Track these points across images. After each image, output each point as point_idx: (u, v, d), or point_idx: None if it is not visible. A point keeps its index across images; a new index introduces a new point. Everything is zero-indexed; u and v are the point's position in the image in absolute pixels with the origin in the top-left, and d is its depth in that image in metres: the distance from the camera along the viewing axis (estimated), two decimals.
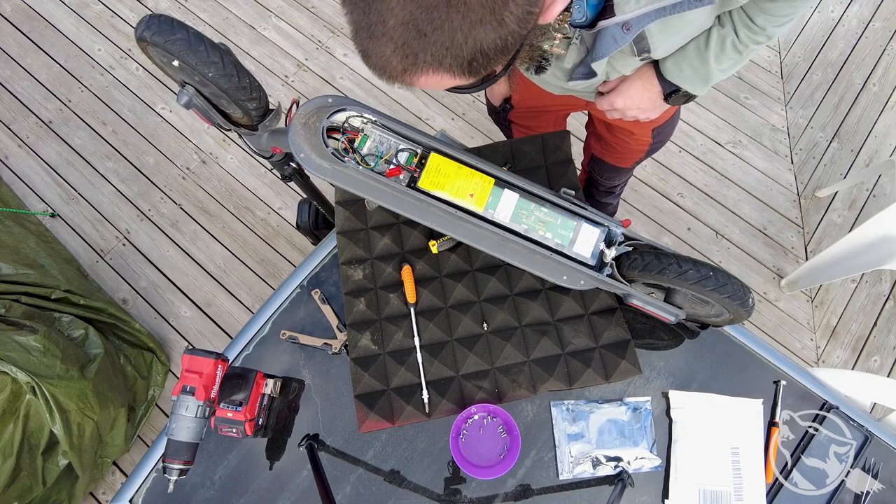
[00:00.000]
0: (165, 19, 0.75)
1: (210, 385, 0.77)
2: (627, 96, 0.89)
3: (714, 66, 0.80)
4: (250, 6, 2.29)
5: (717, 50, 0.78)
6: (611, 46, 0.61)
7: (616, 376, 0.94)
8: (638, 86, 0.88)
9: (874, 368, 1.84)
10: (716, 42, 0.77)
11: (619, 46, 0.61)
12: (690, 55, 0.80)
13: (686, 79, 0.83)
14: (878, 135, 2.13)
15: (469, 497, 0.90)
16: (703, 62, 0.79)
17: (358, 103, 0.85)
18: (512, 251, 0.87)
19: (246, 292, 1.93)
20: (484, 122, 2.13)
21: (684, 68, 0.82)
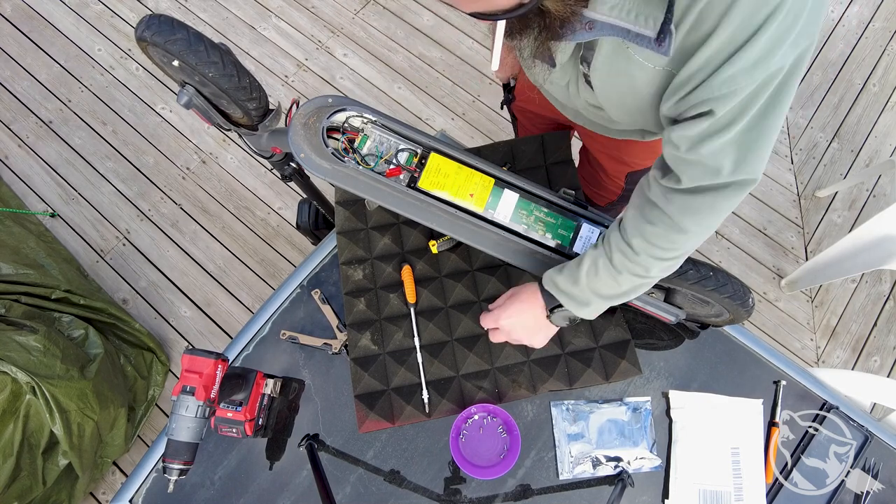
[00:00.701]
0: (165, 19, 0.75)
1: (210, 385, 0.77)
2: (511, 311, 0.82)
3: (587, 287, 0.73)
4: (250, 6, 2.29)
5: (589, 269, 0.72)
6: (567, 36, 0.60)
7: (616, 376, 0.94)
8: (521, 299, 0.82)
9: (874, 368, 1.84)
10: (588, 262, 0.72)
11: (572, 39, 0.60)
12: (568, 268, 0.76)
13: (562, 293, 0.76)
14: (878, 135, 2.13)
15: (469, 497, 0.90)
16: (575, 281, 0.74)
17: (358, 103, 0.85)
18: (512, 251, 0.87)
19: (246, 292, 1.93)
20: (484, 122, 2.13)
21: (559, 281, 0.76)
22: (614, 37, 0.57)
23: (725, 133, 0.57)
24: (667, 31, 0.53)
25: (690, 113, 0.58)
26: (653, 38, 0.54)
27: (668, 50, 0.54)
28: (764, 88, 0.54)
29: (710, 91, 0.54)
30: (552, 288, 0.77)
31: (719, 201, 0.62)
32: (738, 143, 0.58)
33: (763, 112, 0.56)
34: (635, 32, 0.55)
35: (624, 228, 0.70)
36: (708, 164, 0.60)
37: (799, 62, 0.54)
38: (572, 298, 0.76)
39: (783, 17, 0.49)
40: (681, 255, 0.69)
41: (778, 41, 0.51)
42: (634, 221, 0.69)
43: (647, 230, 0.67)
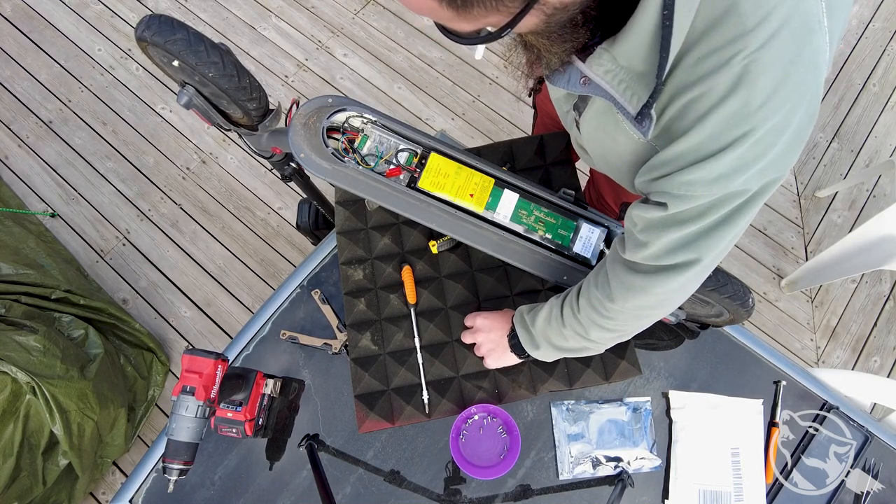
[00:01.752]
0: (165, 19, 0.75)
1: (210, 385, 0.77)
2: (488, 318, 0.90)
3: (541, 330, 0.78)
4: (250, 6, 2.29)
5: (547, 315, 0.77)
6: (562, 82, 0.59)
7: (616, 376, 0.94)
8: (502, 313, 0.90)
9: (874, 369, 1.84)
10: (547, 308, 0.77)
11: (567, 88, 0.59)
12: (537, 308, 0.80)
13: (522, 327, 0.82)
14: (878, 135, 2.13)
15: (469, 497, 0.90)
16: (533, 321, 0.79)
17: (358, 103, 0.85)
18: (512, 251, 0.87)
19: (246, 292, 1.93)
20: (484, 123, 2.13)
21: (526, 316, 0.81)
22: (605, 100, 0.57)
23: (675, 230, 0.57)
24: (646, 114, 0.52)
25: (653, 198, 0.59)
26: (633, 116, 0.54)
27: (647, 132, 0.54)
28: (721, 205, 0.54)
29: (670, 186, 0.54)
30: (517, 319, 0.83)
31: (650, 283, 0.63)
32: (685, 243, 0.58)
33: (715, 226, 0.56)
34: (621, 104, 0.55)
35: (581, 286, 0.74)
36: (652, 250, 0.61)
37: (763, 191, 0.54)
38: (528, 335, 0.81)
39: (752, 143, 0.49)
40: (617, 328, 0.71)
41: (743, 166, 0.50)
42: (587, 281, 0.72)
43: (592, 292, 0.70)
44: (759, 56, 0.46)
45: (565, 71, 0.58)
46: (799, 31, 0.46)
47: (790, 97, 0.47)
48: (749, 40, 0.45)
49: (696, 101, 0.49)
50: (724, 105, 0.48)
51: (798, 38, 0.46)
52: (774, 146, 0.50)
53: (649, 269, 0.63)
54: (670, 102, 0.51)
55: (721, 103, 0.48)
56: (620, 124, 0.59)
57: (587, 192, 1.20)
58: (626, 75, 0.52)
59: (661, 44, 0.47)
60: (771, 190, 0.54)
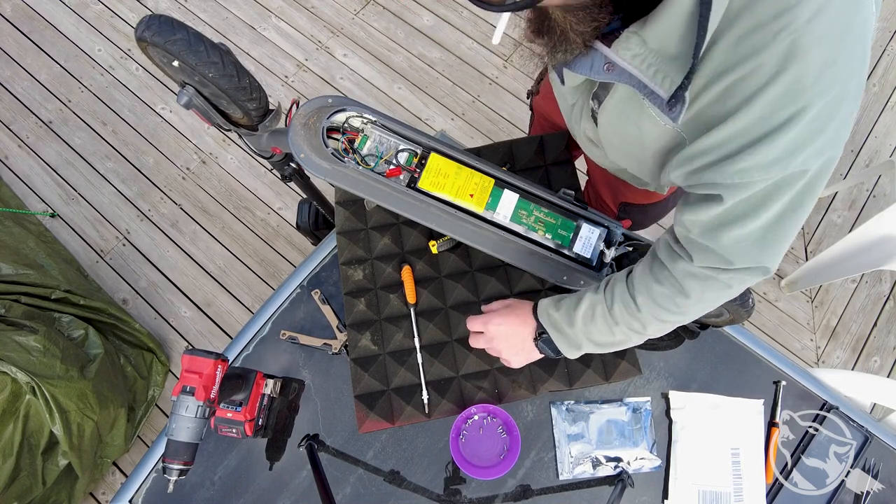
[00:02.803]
0: (165, 19, 0.75)
1: (210, 385, 0.77)
2: (503, 321, 0.80)
3: (581, 330, 0.72)
4: (250, 6, 2.29)
5: (586, 313, 0.71)
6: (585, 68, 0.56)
7: (616, 376, 0.94)
8: (517, 314, 0.80)
9: (874, 369, 1.84)
10: (586, 305, 0.71)
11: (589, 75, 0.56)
12: (565, 306, 0.74)
13: (556, 330, 0.75)
14: (878, 135, 2.13)
15: (469, 497, 0.90)
16: (571, 322, 0.73)
17: (358, 103, 0.85)
18: (512, 251, 0.87)
19: (246, 292, 1.93)
20: (484, 123, 2.13)
21: (555, 317, 0.74)
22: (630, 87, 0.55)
23: (738, 226, 0.54)
24: (680, 97, 0.50)
25: (700, 191, 0.56)
26: (664, 101, 0.51)
27: (677, 116, 0.51)
28: (783, 189, 0.51)
29: (721, 177, 0.51)
30: (546, 321, 0.77)
31: (728, 281, 0.61)
32: (752, 240, 0.55)
33: (781, 213, 0.53)
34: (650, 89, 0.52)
35: (632, 282, 0.69)
36: (719, 253, 0.58)
37: (823, 171, 0.51)
38: (565, 338, 0.75)
39: (808, 121, 0.47)
40: (680, 320, 0.69)
41: (800, 145, 0.48)
42: (643, 279, 0.68)
43: (655, 289, 0.66)
44: (808, 29, 0.44)
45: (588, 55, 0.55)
46: (847, 3, 0.45)
47: (843, 70, 0.46)
48: (796, 13, 0.43)
49: (742, 82, 0.47)
50: (775, 83, 0.45)
51: (847, 9, 0.45)
52: (831, 122, 0.48)
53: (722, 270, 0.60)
54: (708, 86, 0.49)
55: (771, 82, 0.45)
56: (646, 111, 0.57)
57: (586, 193, 1.20)
58: (656, 58, 0.50)
59: (699, 22, 0.45)
60: (829, 169, 0.52)
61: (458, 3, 2.30)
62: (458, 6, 2.29)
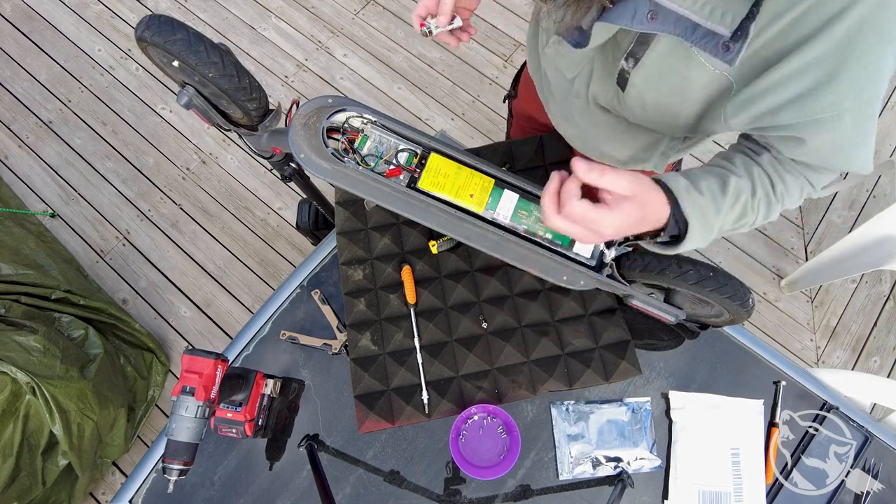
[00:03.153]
0: (165, 19, 0.75)
1: (210, 385, 0.77)
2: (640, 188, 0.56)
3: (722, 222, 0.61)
4: (250, 6, 2.29)
5: (730, 200, 0.60)
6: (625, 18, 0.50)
7: (616, 377, 0.94)
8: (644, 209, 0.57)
9: (874, 369, 1.84)
10: (733, 190, 0.60)
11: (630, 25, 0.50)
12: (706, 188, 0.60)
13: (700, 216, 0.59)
14: (878, 135, 2.12)
15: (469, 497, 0.90)
16: (718, 210, 0.60)
17: (358, 103, 0.85)
18: (512, 251, 0.87)
19: (246, 292, 1.93)
20: (484, 123, 2.13)
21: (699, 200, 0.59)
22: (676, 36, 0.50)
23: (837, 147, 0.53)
24: (745, 30, 0.46)
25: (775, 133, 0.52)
26: (724, 39, 0.47)
27: (734, 58, 0.48)
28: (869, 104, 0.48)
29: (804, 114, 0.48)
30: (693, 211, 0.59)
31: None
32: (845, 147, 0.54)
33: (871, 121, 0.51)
34: (705, 30, 0.48)
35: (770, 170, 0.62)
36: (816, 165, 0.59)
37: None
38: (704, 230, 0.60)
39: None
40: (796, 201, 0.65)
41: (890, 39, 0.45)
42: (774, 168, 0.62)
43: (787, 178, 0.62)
44: None
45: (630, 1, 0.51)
46: None
47: None
48: None
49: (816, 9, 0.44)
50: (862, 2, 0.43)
51: None
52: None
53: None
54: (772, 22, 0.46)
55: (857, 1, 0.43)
56: (694, 59, 0.53)
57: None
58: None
59: None
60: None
61: None
62: None
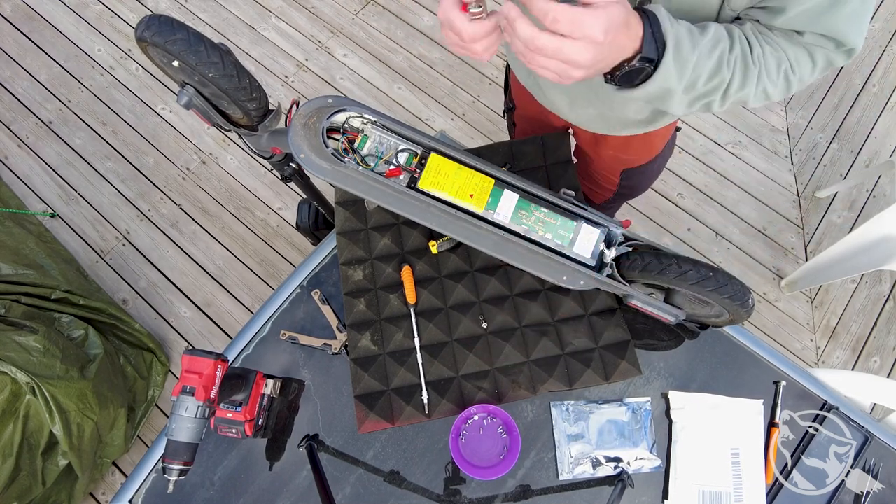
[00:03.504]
0: (165, 20, 0.75)
1: (210, 385, 0.77)
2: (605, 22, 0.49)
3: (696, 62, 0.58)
4: (250, 6, 2.29)
5: (709, 44, 0.58)
6: None
7: (616, 377, 0.94)
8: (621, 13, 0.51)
9: (874, 369, 1.84)
10: (711, 36, 0.59)
11: None
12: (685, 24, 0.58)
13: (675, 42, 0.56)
14: (877, 135, 2.13)
15: (469, 497, 0.90)
16: (694, 45, 0.57)
17: (358, 104, 0.85)
18: (512, 252, 0.87)
19: (246, 292, 1.93)
20: (484, 123, 2.13)
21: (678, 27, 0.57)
22: None
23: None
24: None
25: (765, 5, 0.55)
26: None
27: None
28: None
29: None
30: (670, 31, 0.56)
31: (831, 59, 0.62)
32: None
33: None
34: None
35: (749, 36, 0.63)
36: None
37: None
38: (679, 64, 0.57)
39: None
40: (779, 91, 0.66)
41: None
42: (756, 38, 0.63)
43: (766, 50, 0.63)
44: None
45: None
46: None
47: None
48: None
49: None
50: None
51: None
52: None
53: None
54: None
55: None
56: None
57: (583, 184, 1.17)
58: None
59: None
60: None
61: None
62: None
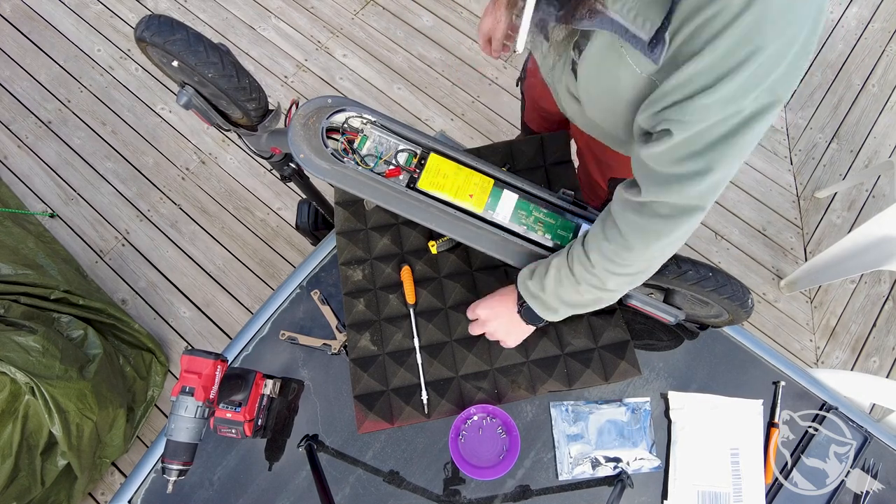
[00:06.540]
0: (165, 20, 0.75)
1: (209, 385, 0.76)
2: (490, 303, 0.86)
3: (553, 294, 0.76)
4: (250, 6, 2.29)
5: (555, 277, 0.75)
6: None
7: (615, 377, 0.94)
8: (501, 293, 0.86)
9: (873, 369, 1.84)
10: (553, 270, 0.75)
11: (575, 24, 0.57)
12: (538, 273, 0.77)
13: (531, 296, 0.79)
14: (877, 135, 2.13)
15: (468, 498, 0.90)
16: (542, 287, 0.76)
17: (357, 104, 0.85)
18: (511, 252, 0.87)
19: (245, 293, 1.92)
20: (483, 123, 2.13)
21: (529, 284, 0.78)
22: (612, 32, 0.57)
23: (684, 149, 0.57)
24: (660, 38, 0.52)
25: (660, 127, 0.58)
26: (646, 44, 0.54)
27: (658, 58, 0.54)
28: (728, 119, 0.54)
29: (683, 113, 0.54)
30: (524, 290, 0.80)
31: (665, 225, 0.64)
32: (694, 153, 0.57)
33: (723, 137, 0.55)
34: (632, 33, 0.55)
35: (586, 241, 0.72)
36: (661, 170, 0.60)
37: (768, 110, 0.54)
38: (541, 303, 0.78)
39: (763, 60, 0.49)
40: (635, 272, 0.71)
41: (755, 84, 0.51)
42: (594, 235, 0.71)
43: (604, 246, 0.69)
44: None
45: None
46: None
47: (799, 11, 0.48)
48: None
49: (711, 20, 0.49)
50: (738, 22, 0.48)
51: None
52: (783, 61, 0.50)
53: (665, 210, 0.62)
54: (681, 26, 0.51)
55: (735, 21, 0.48)
56: (624, 59, 0.59)
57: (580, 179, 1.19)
58: (635, 3, 0.52)
59: None
60: (774, 112, 0.54)
61: (457, 3, 2.30)
62: (458, 7, 2.29)
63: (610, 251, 0.68)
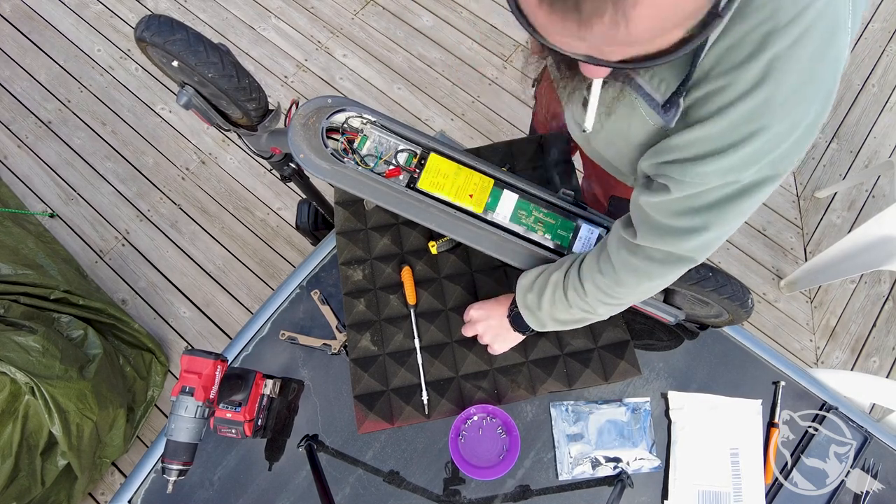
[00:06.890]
0: (165, 20, 0.75)
1: (209, 385, 0.76)
2: (484, 307, 0.90)
3: (547, 312, 0.78)
4: (250, 6, 2.29)
5: (551, 297, 0.77)
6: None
7: (615, 377, 0.94)
8: (496, 299, 0.90)
9: (873, 369, 1.84)
10: (550, 290, 0.77)
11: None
12: (536, 289, 0.79)
13: (521, 302, 0.81)
14: (877, 135, 2.13)
15: (468, 498, 0.90)
16: (539, 306, 0.79)
17: (357, 104, 0.85)
18: (511, 252, 0.87)
19: (245, 293, 1.92)
20: (483, 123, 2.13)
21: (528, 298, 0.80)
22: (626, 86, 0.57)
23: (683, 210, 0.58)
24: (675, 102, 0.52)
25: (659, 180, 0.59)
26: (660, 105, 0.54)
27: (671, 120, 0.54)
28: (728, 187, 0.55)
29: (682, 174, 0.55)
30: (521, 300, 0.82)
31: (656, 269, 0.65)
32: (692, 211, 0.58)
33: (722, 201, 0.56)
34: (647, 91, 0.55)
35: (582, 269, 0.74)
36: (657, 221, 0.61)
37: (770, 180, 0.54)
38: (534, 317, 0.81)
39: (769, 138, 0.50)
40: (626, 303, 0.75)
41: (757, 158, 0.52)
42: (590, 266, 0.73)
43: (597, 278, 0.71)
44: (789, 54, 0.46)
45: None
46: (828, 31, 0.46)
47: (809, 95, 0.48)
48: (782, 36, 0.45)
49: (721, 91, 0.49)
50: (748, 99, 0.48)
51: (826, 37, 0.46)
52: (787, 140, 0.51)
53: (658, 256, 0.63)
54: (693, 88, 0.51)
55: (745, 97, 0.48)
56: (637, 109, 0.59)
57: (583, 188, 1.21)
58: None
59: None
60: (773, 184, 0.55)
61: (457, 3, 2.30)
62: (457, 7, 2.29)
63: (603, 284, 0.71)
